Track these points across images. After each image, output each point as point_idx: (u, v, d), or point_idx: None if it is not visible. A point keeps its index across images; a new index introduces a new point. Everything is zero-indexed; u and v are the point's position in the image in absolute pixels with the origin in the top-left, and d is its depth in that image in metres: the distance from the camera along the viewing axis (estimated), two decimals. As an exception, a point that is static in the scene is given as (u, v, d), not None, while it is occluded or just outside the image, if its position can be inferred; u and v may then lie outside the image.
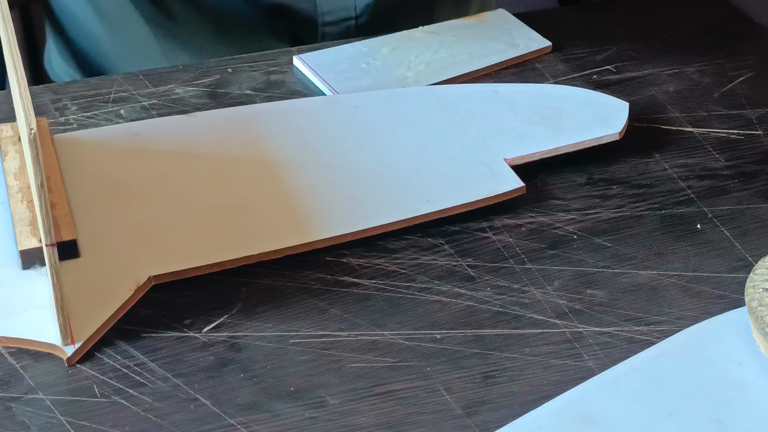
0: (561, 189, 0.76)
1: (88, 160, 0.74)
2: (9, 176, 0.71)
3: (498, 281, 0.68)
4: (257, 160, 0.75)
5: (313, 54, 0.88)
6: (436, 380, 0.61)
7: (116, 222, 0.69)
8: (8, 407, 0.58)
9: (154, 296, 0.65)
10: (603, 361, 0.62)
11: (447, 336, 0.64)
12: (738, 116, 0.85)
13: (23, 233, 0.66)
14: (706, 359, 0.60)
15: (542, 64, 0.90)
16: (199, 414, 0.58)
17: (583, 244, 0.71)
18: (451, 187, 0.73)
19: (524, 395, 0.60)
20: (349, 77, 0.85)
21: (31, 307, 0.63)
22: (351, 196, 0.72)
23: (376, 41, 0.91)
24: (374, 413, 0.59)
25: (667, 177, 0.77)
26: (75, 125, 0.80)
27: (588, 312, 0.65)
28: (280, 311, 0.65)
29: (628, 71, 0.90)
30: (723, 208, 0.74)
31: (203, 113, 0.80)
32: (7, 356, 0.61)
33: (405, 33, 0.92)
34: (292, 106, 0.81)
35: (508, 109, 0.80)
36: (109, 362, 0.61)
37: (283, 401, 0.59)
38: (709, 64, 0.91)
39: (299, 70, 0.87)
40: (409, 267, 0.69)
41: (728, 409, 0.57)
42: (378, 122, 0.79)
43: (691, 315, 0.65)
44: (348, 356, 0.62)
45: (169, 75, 0.87)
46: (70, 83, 0.87)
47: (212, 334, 0.63)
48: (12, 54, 0.61)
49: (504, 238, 0.71)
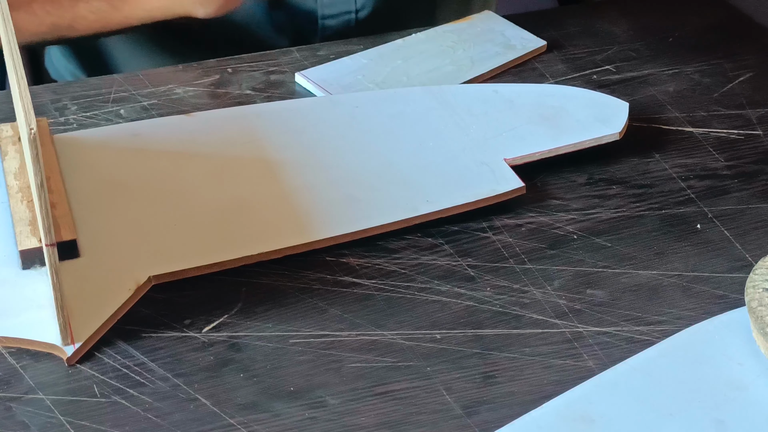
0: (561, 189, 0.76)
1: (88, 160, 0.74)
2: (9, 176, 0.71)
3: (498, 281, 0.68)
4: (257, 160, 0.75)
5: (315, 69, 0.87)
6: (436, 380, 0.61)
7: (116, 222, 0.69)
8: (8, 407, 0.58)
9: (154, 296, 0.65)
10: (603, 361, 0.62)
11: (447, 336, 0.64)
12: (738, 116, 0.85)
13: (23, 233, 0.66)
14: (706, 359, 0.60)
15: (542, 64, 0.90)
16: (199, 414, 0.58)
17: (583, 244, 0.71)
18: (451, 187, 0.73)
19: (524, 395, 0.60)
20: (354, 91, 0.85)
21: (31, 307, 0.63)
22: (351, 196, 0.72)
23: (376, 51, 0.90)
24: (374, 413, 0.59)
25: (667, 177, 0.77)
26: (75, 125, 0.80)
27: (588, 312, 0.65)
28: (280, 311, 0.65)
29: (628, 71, 0.90)
30: (723, 208, 0.74)
31: (203, 113, 0.80)
32: (7, 356, 0.61)
33: (402, 41, 0.91)
34: (292, 106, 0.81)
35: (508, 109, 0.80)
36: (109, 362, 0.61)
37: (283, 401, 0.59)
38: (709, 64, 0.91)
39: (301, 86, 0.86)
40: (409, 267, 0.69)
41: (728, 409, 0.57)
42: (378, 122, 0.79)
43: (691, 315, 0.65)
44: (348, 356, 0.62)
45: (169, 75, 0.87)
46: (70, 83, 0.87)
47: (212, 334, 0.63)
48: (12, 54, 0.61)
49: (504, 238, 0.71)
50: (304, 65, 0.89)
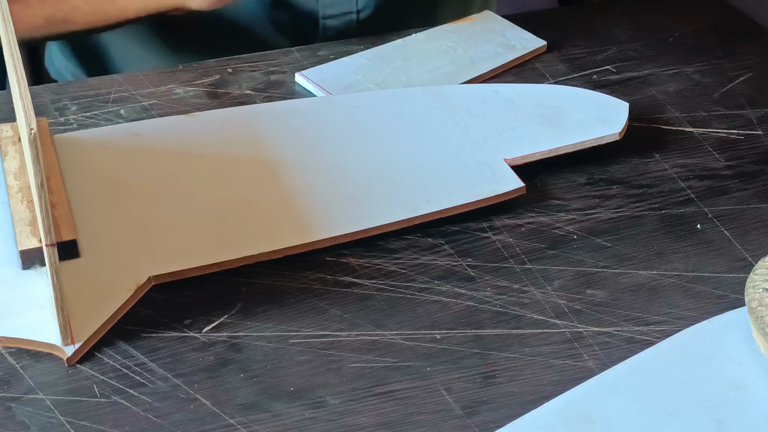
0: (561, 189, 0.76)
1: (88, 160, 0.74)
2: (9, 176, 0.71)
3: (498, 281, 0.68)
4: (257, 160, 0.75)
5: (315, 69, 0.87)
6: (436, 380, 0.61)
7: (116, 222, 0.69)
8: (8, 407, 0.58)
9: (154, 296, 0.65)
10: (603, 361, 0.62)
11: (447, 336, 0.64)
12: (738, 116, 0.85)
13: (23, 233, 0.66)
14: (706, 359, 0.60)
15: (542, 64, 0.90)
16: (199, 414, 0.58)
17: (583, 244, 0.71)
18: (451, 187, 0.73)
19: (524, 395, 0.60)
20: (354, 91, 0.85)
21: (31, 307, 0.63)
22: (351, 196, 0.72)
23: (376, 51, 0.90)
24: (374, 413, 0.59)
25: (667, 177, 0.77)
26: (75, 125, 0.80)
27: (588, 312, 0.65)
28: (280, 311, 0.65)
29: (628, 71, 0.90)
30: (723, 208, 0.74)
31: (203, 113, 0.80)
32: (7, 356, 0.61)
33: (401, 41, 0.91)
34: (292, 106, 0.81)
35: (508, 109, 0.80)
36: (109, 362, 0.61)
37: (283, 401, 0.59)
38: (709, 64, 0.91)
39: (301, 86, 0.86)
40: (409, 267, 0.69)
41: (728, 409, 0.57)
42: (378, 122, 0.79)
43: (691, 315, 0.65)
44: (348, 356, 0.62)
45: (169, 75, 0.87)
46: (71, 83, 0.87)
47: (212, 334, 0.63)
48: (12, 54, 0.61)
49: (504, 238, 0.71)
50: (304, 65, 0.89)
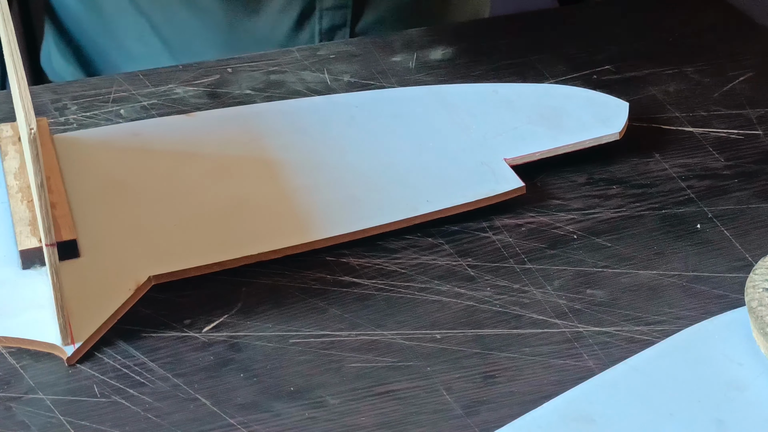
0: (561, 189, 0.76)
1: (88, 160, 0.74)
2: (9, 176, 0.71)
3: (498, 281, 0.68)
4: (257, 160, 0.75)
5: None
6: (436, 380, 0.61)
7: (116, 222, 0.69)
8: (8, 407, 0.58)
9: (154, 296, 0.65)
10: (603, 361, 0.62)
11: (447, 336, 0.63)
12: (738, 116, 0.84)
13: (23, 233, 0.66)
14: (706, 359, 0.60)
15: (542, 64, 0.90)
16: (199, 414, 0.58)
17: (583, 244, 0.71)
18: (451, 187, 0.73)
19: (524, 395, 0.60)
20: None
21: (31, 307, 0.63)
22: (351, 196, 0.72)
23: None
24: (374, 413, 0.59)
25: (667, 177, 0.77)
26: (75, 125, 0.80)
27: (588, 312, 0.65)
28: (280, 311, 0.65)
29: (628, 71, 0.90)
30: (723, 208, 0.74)
31: (203, 113, 0.80)
32: (7, 356, 0.61)
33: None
34: (292, 106, 0.81)
35: (508, 109, 0.80)
36: (109, 362, 0.61)
37: (283, 401, 0.59)
38: (709, 64, 0.91)
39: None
40: (409, 267, 0.69)
41: (728, 409, 0.57)
42: (378, 122, 0.79)
43: (691, 315, 0.65)
44: (348, 356, 0.62)
45: (169, 75, 0.87)
46: (70, 83, 0.87)
47: (212, 334, 0.63)
48: (12, 54, 0.61)
49: (504, 238, 0.71)
50: (305, 65, 0.89)
